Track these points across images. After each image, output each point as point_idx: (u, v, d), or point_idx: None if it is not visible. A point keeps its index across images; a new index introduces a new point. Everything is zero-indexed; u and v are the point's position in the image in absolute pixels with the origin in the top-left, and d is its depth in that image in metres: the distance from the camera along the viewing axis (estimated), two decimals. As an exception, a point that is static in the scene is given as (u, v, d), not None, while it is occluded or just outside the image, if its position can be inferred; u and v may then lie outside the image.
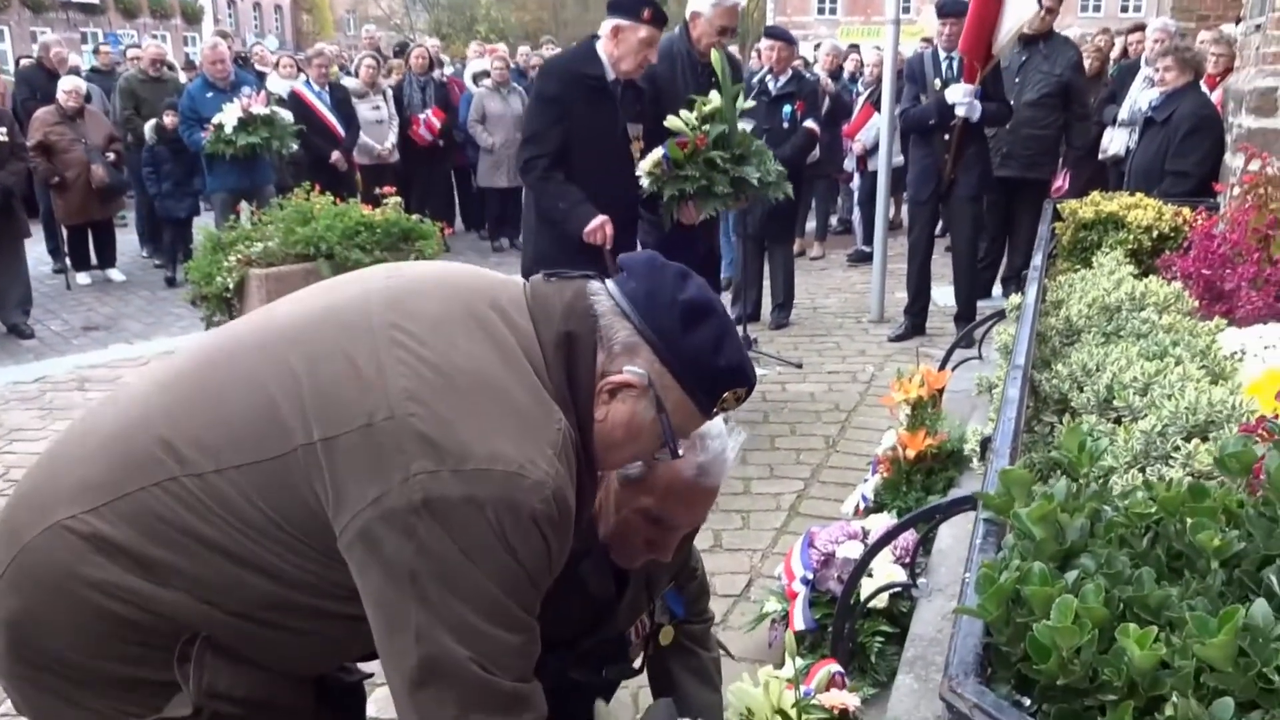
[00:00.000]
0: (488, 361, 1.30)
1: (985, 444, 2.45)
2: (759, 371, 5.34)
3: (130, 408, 1.37)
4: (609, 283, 1.39)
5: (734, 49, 14.62)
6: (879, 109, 8.07)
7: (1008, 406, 1.93)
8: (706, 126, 4.22)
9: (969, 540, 1.68)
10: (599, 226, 3.92)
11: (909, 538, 2.52)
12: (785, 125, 6.33)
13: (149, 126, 8.01)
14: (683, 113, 4.22)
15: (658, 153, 4.14)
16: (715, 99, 4.23)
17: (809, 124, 6.48)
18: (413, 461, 1.21)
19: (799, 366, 5.61)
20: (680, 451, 1.43)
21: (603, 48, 3.95)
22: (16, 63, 13.07)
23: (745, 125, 4.61)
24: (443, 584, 1.22)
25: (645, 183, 4.17)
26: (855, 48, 13.48)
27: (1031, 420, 2.40)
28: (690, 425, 1.43)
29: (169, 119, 7.82)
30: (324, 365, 1.29)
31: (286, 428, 1.26)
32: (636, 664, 1.96)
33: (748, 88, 4.38)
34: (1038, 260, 3.52)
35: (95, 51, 11.90)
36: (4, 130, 6.63)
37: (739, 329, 5.87)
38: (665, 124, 4.20)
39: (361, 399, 1.24)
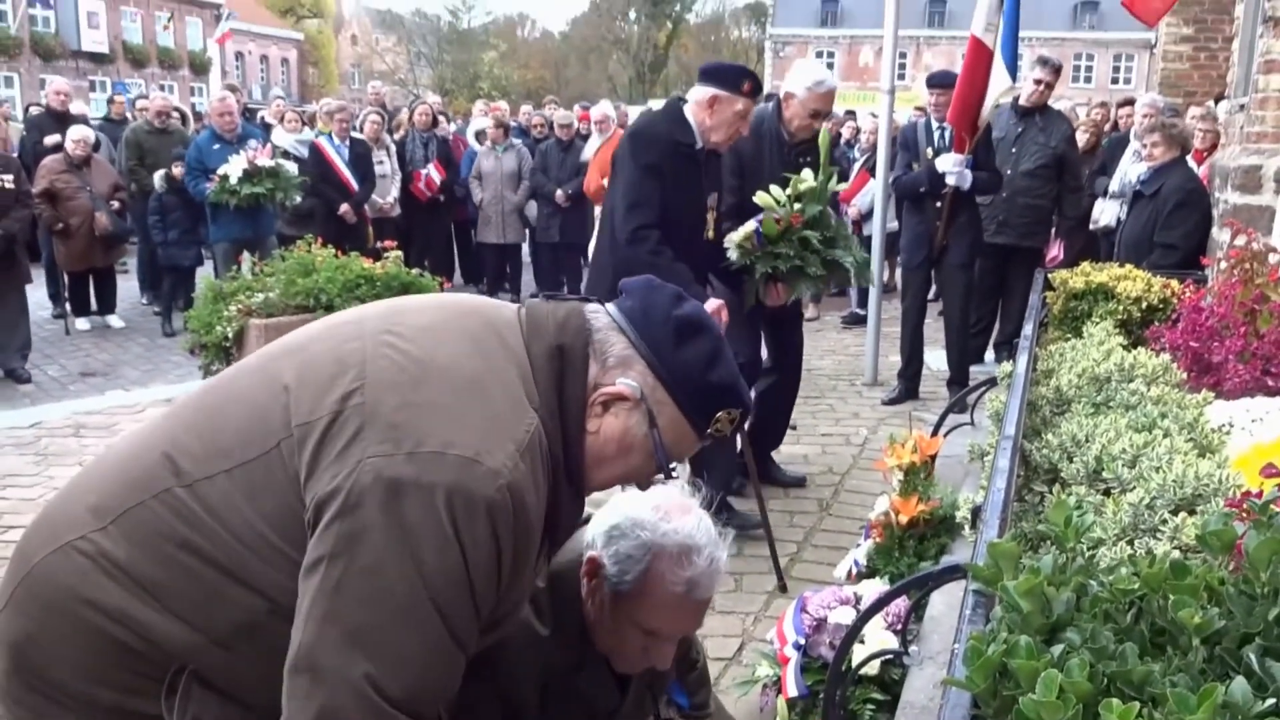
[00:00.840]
0: (470, 364, 1.32)
1: (976, 512, 2.48)
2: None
3: (142, 433, 1.44)
4: (608, 304, 1.42)
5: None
6: (874, 175, 8.22)
7: (997, 477, 1.96)
8: (799, 205, 4.08)
9: (959, 609, 1.71)
10: (716, 310, 3.79)
11: (901, 604, 2.54)
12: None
13: (158, 176, 8.11)
14: (774, 189, 4.12)
15: (750, 226, 4.04)
16: (809, 178, 4.11)
17: None
18: (371, 445, 1.22)
19: (793, 428, 5.62)
20: (674, 472, 1.43)
21: (692, 114, 3.86)
22: (25, 110, 13.23)
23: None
24: (369, 577, 1.20)
25: (734, 255, 4.06)
26: (851, 114, 13.74)
27: (1022, 489, 2.43)
28: (684, 446, 1.43)
29: (177, 169, 7.93)
30: (312, 370, 1.33)
31: (271, 429, 1.29)
32: None
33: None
34: (1029, 329, 3.57)
35: (110, 101, 12.07)
36: (10, 177, 6.72)
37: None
38: (755, 199, 4.10)
39: (338, 386, 1.27)
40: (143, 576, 1.29)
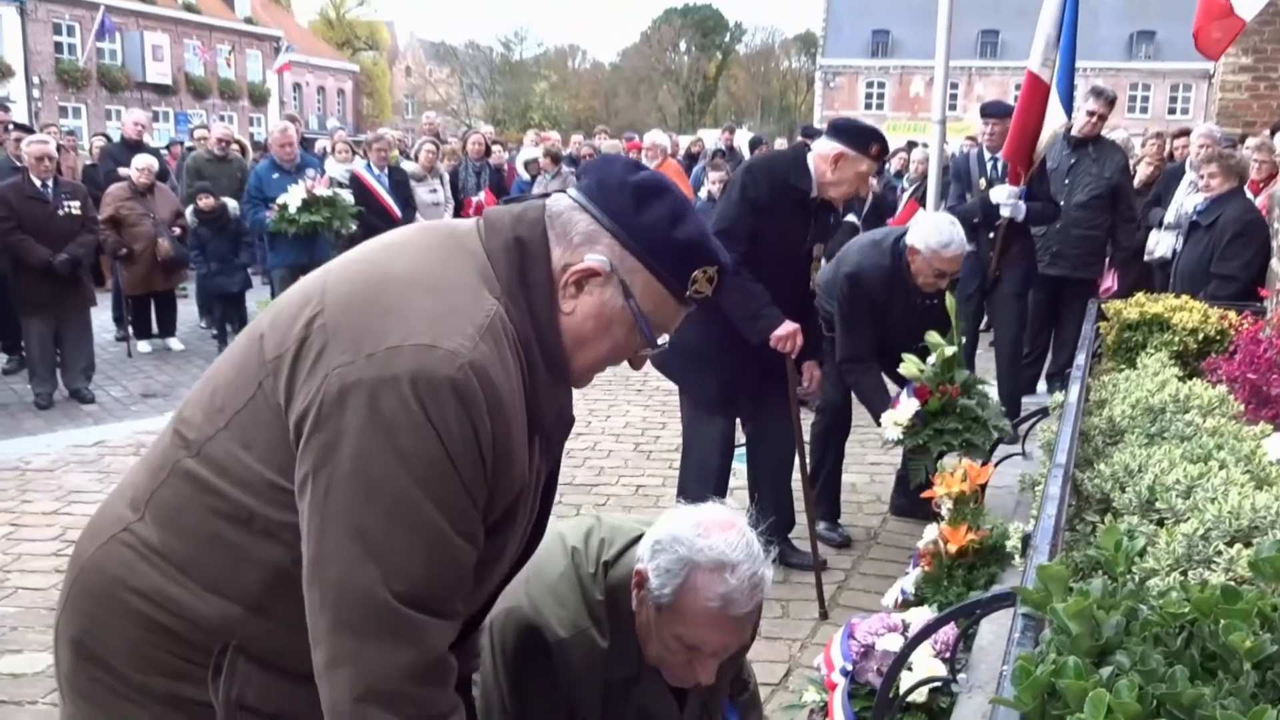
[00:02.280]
0: (427, 268, 1.33)
1: (1027, 541, 2.46)
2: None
3: (165, 427, 1.50)
4: (568, 188, 1.42)
5: (781, 141, 14.74)
6: (923, 204, 8.21)
7: (1048, 504, 1.95)
8: (949, 374, 3.98)
9: (1008, 635, 1.70)
10: (790, 334, 3.82)
11: (949, 632, 2.52)
12: (830, 221, 6.46)
13: (189, 210, 8.29)
14: (913, 360, 4.02)
15: (909, 407, 3.92)
16: (944, 344, 3.99)
17: (850, 219, 6.61)
18: (334, 357, 1.25)
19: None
20: (660, 340, 1.42)
21: (814, 164, 3.85)
22: (92, 140, 13.66)
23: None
24: (354, 479, 1.21)
25: (893, 435, 3.96)
26: (914, 144, 13.67)
27: (1073, 519, 2.42)
28: (666, 314, 1.41)
29: (204, 201, 8.11)
30: (281, 311, 1.36)
31: (252, 373, 1.34)
32: None
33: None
34: (1081, 359, 3.54)
35: (191, 133, 12.46)
36: (77, 204, 6.95)
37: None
38: (902, 371, 4.03)
39: (303, 315, 1.31)
40: (175, 556, 1.34)
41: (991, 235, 5.86)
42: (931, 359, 3.96)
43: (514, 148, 12.65)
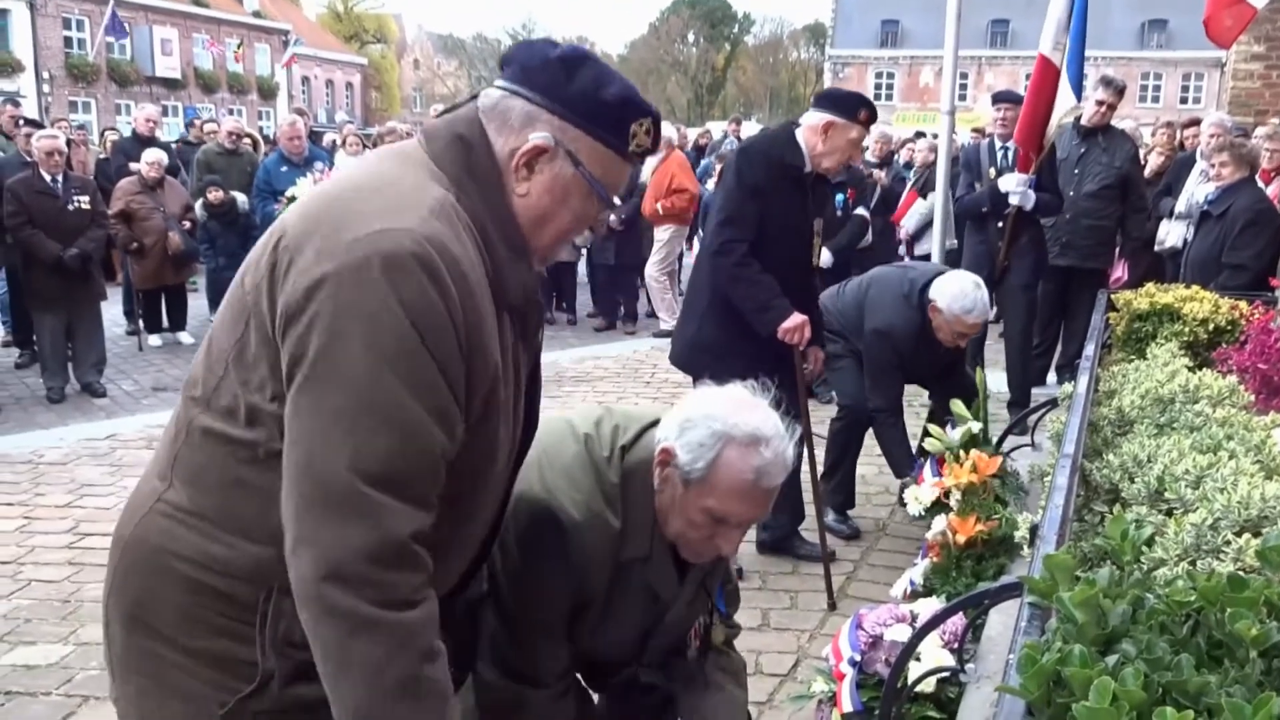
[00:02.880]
0: (375, 176, 1.40)
1: (1035, 531, 2.46)
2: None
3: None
4: (496, 81, 1.47)
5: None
6: (923, 195, 8.20)
7: (1056, 494, 1.95)
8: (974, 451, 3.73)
9: (1015, 624, 1.70)
10: (799, 326, 3.82)
11: (957, 622, 2.52)
12: (839, 214, 6.46)
13: (198, 204, 8.31)
14: (938, 432, 3.84)
15: (933, 488, 3.62)
16: (973, 420, 3.78)
17: (860, 211, 6.60)
18: (298, 265, 1.28)
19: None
20: (616, 201, 1.50)
21: (804, 138, 3.83)
22: (101, 134, 13.70)
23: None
24: (324, 363, 1.24)
25: (915, 511, 3.68)
26: (921, 134, 13.61)
27: (1082, 509, 2.41)
28: (615, 174, 1.46)
29: (213, 194, 8.12)
30: (256, 251, 1.41)
31: (239, 315, 1.37)
32: (691, 655, 2.07)
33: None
34: (1091, 350, 3.53)
35: (189, 126, 12.47)
36: (86, 198, 6.98)
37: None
38: (926, 445, 3.84)
39: (269, 244, 1.35)
40: (208, 512, 1.37)
41: (1000, 225, 5.85)
42: (957, 433, 3.75)
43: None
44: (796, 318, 3.82)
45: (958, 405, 3.81)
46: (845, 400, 4.56)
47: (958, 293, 4.17)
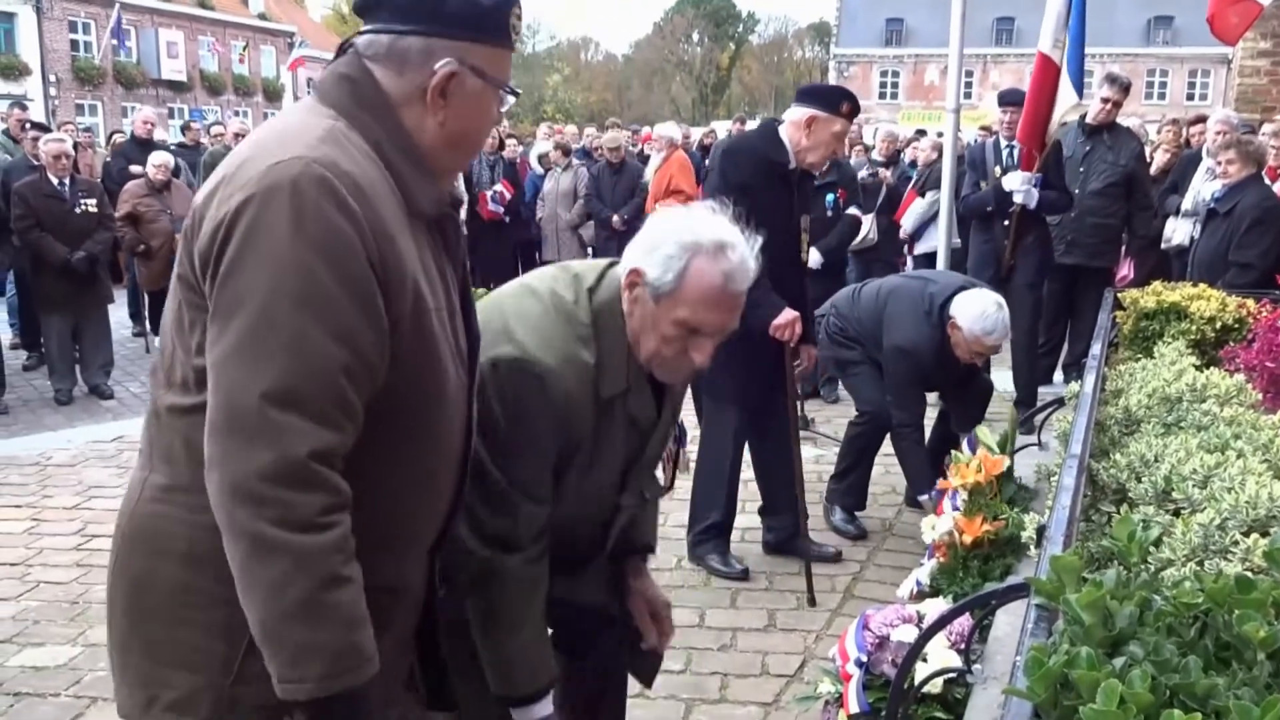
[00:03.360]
0: (271, 124, 1.48)
1: (1042, 531, 2.46)
2: (816, 452, 5.39)
3: None
4: (366, 32, 1.50)
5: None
6: (922, 194, 8.19)
7: (1063, 494, 1.95)
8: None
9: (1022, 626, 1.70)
10: (789, 323, 3.82)
11: (964, 623, 2.52)
12: (829, 214, 6.44)
13: None
14: (961, 460, 3.66)
15: (950, 519, 3.49)
16: (1000, 454, 3.64)
17: (852, 210, 6.61)
18: (209, 216, 1.33)
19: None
20: (518, 90, 1.60)
21: (788, 135, 3.83)
22: (109, 137, 13.74)
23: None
24: (230, 293, 1.28)
25: (930, 539, 3.55)
26: (922, 133, 13.60)
27: (1089, 509, 2.41)
28: (505, 68, 1.52)
29: None
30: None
31: (175, 292, 1.42)
32: (664, 482, 2.16)
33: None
34: (1097, 349, 3.52)
35: (184, 129, 12.49)
36: (93, 201, 7.00)
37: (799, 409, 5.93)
38: (950, 476, 3.58)
39: (191, 209, 1.41)
40: (185, 486, 1.39)
41: (1006, 224, 5.83)
42: (975, 458, 3.56)
43: (529, 140, 12.66)
44: (788, 314, 3.81)
45: (982, 432, 3.75)
46: (866, 405, 4.55)
47: (979, 313, 4.16)
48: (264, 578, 1.26)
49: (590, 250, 9.83)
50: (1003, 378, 6.58)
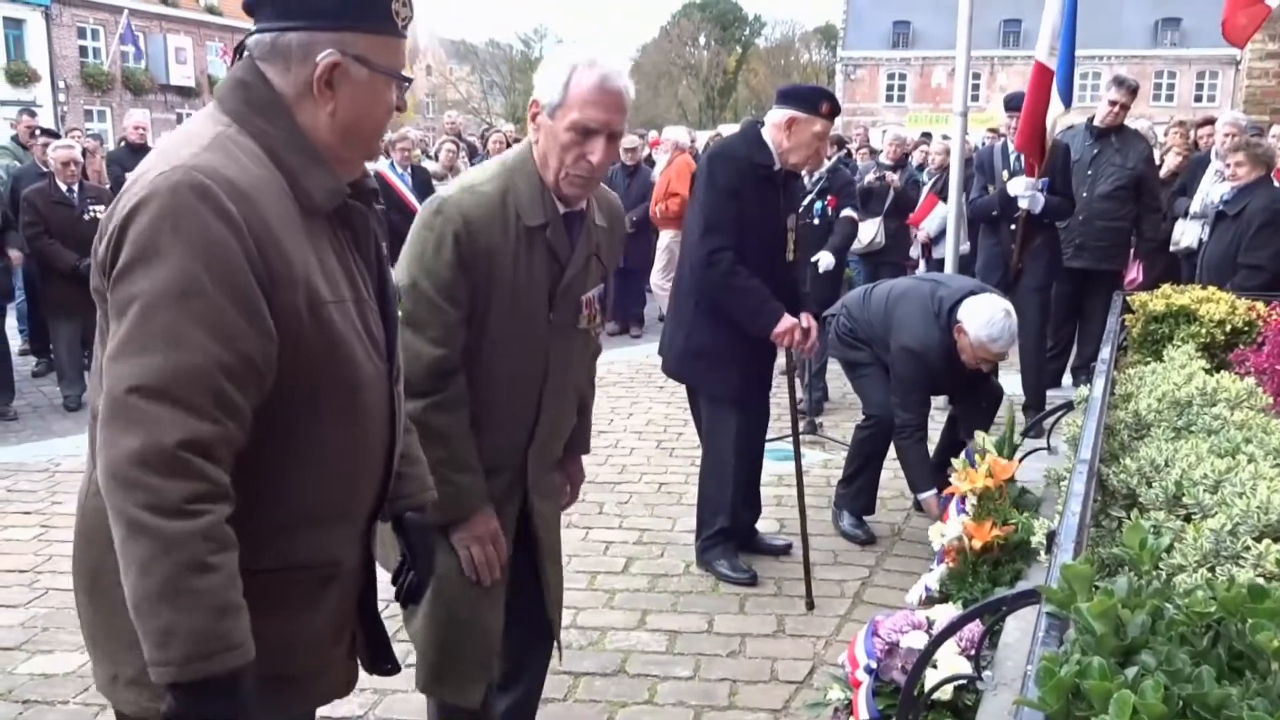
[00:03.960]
0: (169, 136, 1.59)
1: (1051, 537, 2.45)
2: (823, 456, 5.38)
3: None
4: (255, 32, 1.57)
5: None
6: (943, 198, 8.16)
7: (1072, 500, 1.94)
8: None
9: (1033, 634, 1.69)
10: (790, 329, 3.85)
11: (974, 629, 2.51)
12: (815, 222, 6.42)
13: None
14: (962, 469, 3.52)
15: (957, 523, 3.41)
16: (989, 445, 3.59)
17: (847, 213, 6.60)
18: (107, 230, 1.42)
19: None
20: (412, 76, 1.71)
21: (770, 136, 3.88)
22: (118, 143, 13.77)
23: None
24: (116, 297, 1.38)
25: (938, 546, 3.46)
26: (927, 136, 13.59)
27: (1099, 515, 2.40)
28: (396, 56, 1.58)
29: None
30: None
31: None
32: (582, 324, 2.38)
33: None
34: (1106, 353, 3.51)
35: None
36: (102, 208, 7.00)
37: (806, 417, 5.93)
38: (953, 480, 3.50)
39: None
40: None
41: (1013, 228, 5.82)
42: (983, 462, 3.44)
43: (534, 145, 12.63)
44: (788, 320, 3.84)
45: (981, 436, 3.72)
46: (873, 410, 4.54)
47: (986, 320, 4.16)
48: (134, 559, 1.31)
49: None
50: (1011, 381, 6.58)
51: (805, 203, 6.16)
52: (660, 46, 68.77)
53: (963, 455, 3.63)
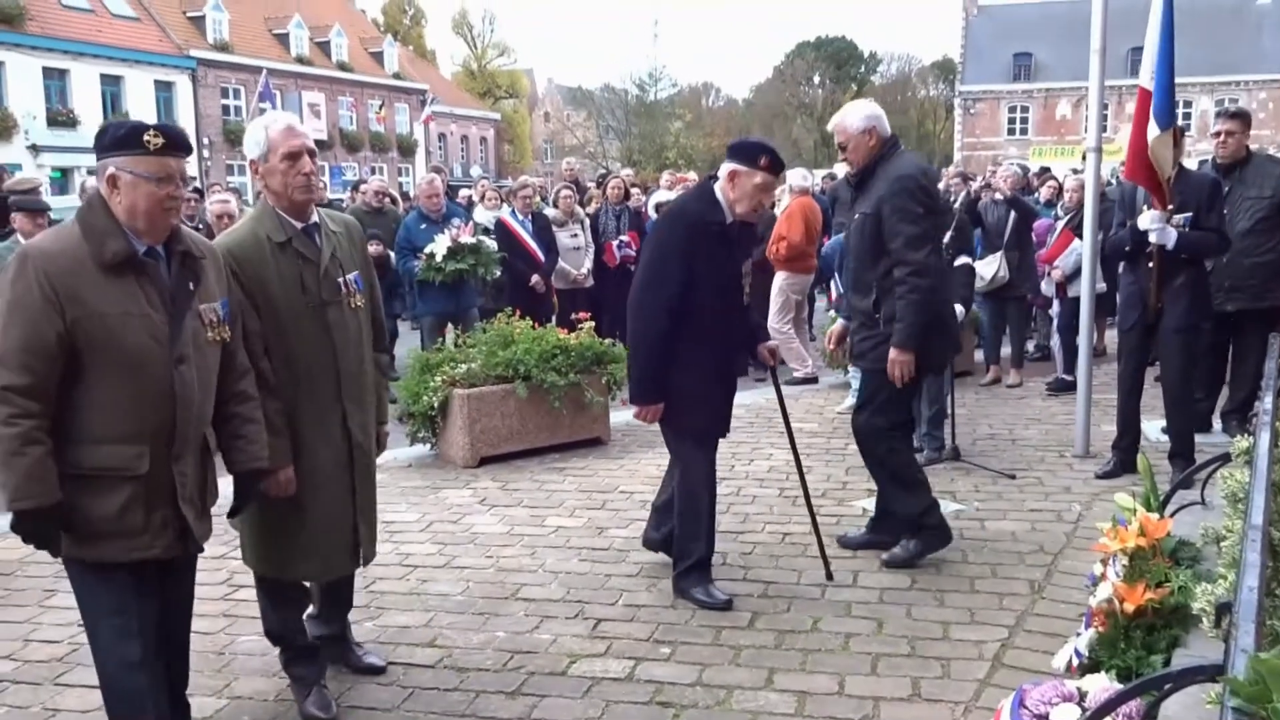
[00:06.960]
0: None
1: (1219, 609, 2.27)
2: (955, 507, 5.18)
3: None
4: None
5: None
6: (1079, 235, 7.85)
7: (1248, 573, 1.79)
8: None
9: (1199, 712, 1.54)
10: (650, 414, 4.20)
11: (1133, 706, 2.34)
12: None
13: None
14: (1122, 499, 3.28)
15: (1087, 638, 3.01)
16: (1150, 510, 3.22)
17: (961, 260, 6.65)
18: None
19: (1012, 478, 5.82)
20: (161, 176, 2.64)
21: (720, 191, 4.14)
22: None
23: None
24: None
25: (1059, 664, 3.10)
26: (1047, 170, 13.18)
27: (1270, 581, 2.22)
28: (152, 166, 2.62)
29: (373, 247, 8.40)
30: None
31: None
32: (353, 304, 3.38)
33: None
34: (1269, 402, 3.28)
35: (354, 187, 13.17)
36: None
37: (946, 451, 5.90)
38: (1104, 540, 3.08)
39: None
40: None
41: (1150, 265, 5.53)
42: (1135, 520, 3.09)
43: (653, 187, 12.75)
44: (654, 409, 4.17)
45: (1123, 498, 3.49)
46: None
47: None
48: None
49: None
50: (1154, 426, 6.24)
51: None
52: (774, 86, 68.80)
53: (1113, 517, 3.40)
